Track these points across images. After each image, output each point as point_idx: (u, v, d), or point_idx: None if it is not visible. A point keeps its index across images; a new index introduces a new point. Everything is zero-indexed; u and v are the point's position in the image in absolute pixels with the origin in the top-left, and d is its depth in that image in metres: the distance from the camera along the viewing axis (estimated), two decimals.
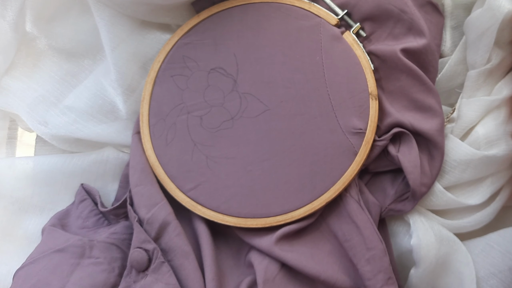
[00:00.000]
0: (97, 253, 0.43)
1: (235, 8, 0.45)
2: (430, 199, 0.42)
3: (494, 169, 0.41)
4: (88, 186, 0.47)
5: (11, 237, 0.47)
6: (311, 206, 0.41)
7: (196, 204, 0.43)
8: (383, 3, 0.42)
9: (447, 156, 0.42)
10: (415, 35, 0.42)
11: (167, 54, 0.45)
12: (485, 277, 0.40)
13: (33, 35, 0.48)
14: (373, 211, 0.42)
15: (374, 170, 0.44)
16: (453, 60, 0.44)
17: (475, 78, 0.42)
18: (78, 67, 0.49)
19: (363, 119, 0.41)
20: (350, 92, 0.42)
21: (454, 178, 0.42)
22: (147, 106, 0.45)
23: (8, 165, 0.47)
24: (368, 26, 0.44)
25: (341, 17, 0.44)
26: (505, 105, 0.42)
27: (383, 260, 0.39)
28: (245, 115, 0.43)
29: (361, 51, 0.43)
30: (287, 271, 0.41)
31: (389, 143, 0.42)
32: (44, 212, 0.47)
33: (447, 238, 0.41)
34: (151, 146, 0.44)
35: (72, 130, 0.46)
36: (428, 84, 0.42)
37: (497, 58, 0.42)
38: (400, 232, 0.43)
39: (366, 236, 0.40)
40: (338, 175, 0.41)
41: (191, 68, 0.45)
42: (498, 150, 0.40)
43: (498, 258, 0.40)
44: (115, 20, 0.46)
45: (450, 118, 0.43)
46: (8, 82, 0.47)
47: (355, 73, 0.42)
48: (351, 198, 0.41)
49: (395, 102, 0.43)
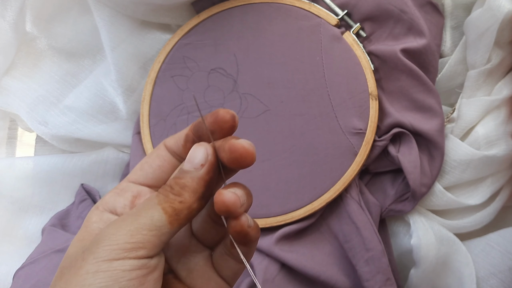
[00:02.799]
0: None
1: (235, 9, 0.45)
2: (430, 199, 0.42)
3: (494, 169, 0.41)
4: (88, 186, 0.47)
5: (11, 237, 0.47)
6: (311, 206, 0.41)
7: None
8: (383, 3, 0.42)
9: (447, 156, 0.42)
10: (415, 35, 0.42)
11: (167, 55, 0.45)
12: (485, 277, 0.40)
13: (33, 35, 0.48)
14: (374, 212, 0.42)
15: (374, 171, 0.44)
16: (453, 60, 0.44)
17: (475, 78, 0.42)
18: (78, 67, 0.49)
19: (363, 119, 0.41)
20: (350, 92, 0.42)
21: (454, 178, 0.42)
22: (147, 106, 0.45)
23: (8, 165, 0.47)
24: (368, 26, 0.44)
25: (341, 17, 0.44)
26: (505, 105, 0.42)
27: (382, 261, 0.39)
28: (245, 116, 0.43)
29: (361, 51, 0.43)
30: (287, 272, 0.41)
31: (389, 143, 0.42)
32: (44, 212, 0.47)
33: (447, 238, 0.41)
34: (152, 146, 0.44)
35: (72, 130, 0.46)
36: (428, 84, 0.42)
37: (497, 58, 0.42)
38: (400, 232, 0.43)
39: (365, 237, 0.40)
40: (338, 175, 0.41)
41: (191, 68, 0.45)
42: (498, 150, 0.40)
43: (498, 258, 0.40)
44: (115, 20, 0.45)
45: (450, 118, 0.43)
46: (8, 82, 0.47)
47: (355, 73, 0.42)
48: (351, 198, 0.41)
49: (395, 102, 0.43)
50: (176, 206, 0.21)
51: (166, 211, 0.21)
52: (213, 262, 0.25)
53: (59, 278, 0.21)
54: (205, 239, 0.25)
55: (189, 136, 0.24)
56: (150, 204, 0.21)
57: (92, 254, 0.20)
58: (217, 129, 0.22)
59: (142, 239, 0.20)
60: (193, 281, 0.24)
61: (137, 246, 0.20)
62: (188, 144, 0.24)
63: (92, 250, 0.20)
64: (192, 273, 0.24)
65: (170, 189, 0.22)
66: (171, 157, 0.25)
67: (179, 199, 0.21)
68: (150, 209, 0.21)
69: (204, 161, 0.22)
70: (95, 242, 0.20)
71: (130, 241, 0.20)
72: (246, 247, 0.24)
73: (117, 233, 0.20)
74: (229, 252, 0.24)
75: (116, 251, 0.20)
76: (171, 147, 0.24)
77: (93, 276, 0.19)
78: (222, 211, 0.21)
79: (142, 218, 0.21)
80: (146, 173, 0.24)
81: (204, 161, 0.22)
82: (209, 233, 0.25)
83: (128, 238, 0.20)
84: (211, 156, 0.22)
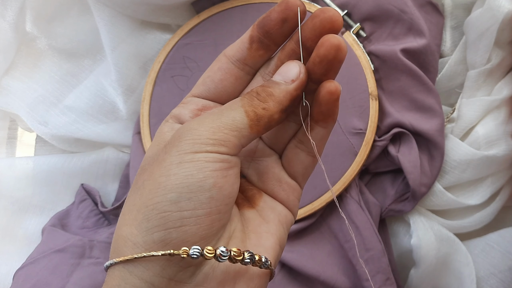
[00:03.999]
0: (97, 253, 0.43)
1: (235, 9, 0.45)
2: (430, 199, 0.42)
3: (494, 169, 0.41)
4: (88, 186, 0.47)
5: (11, 237, 0.47)
6: (312, 206, 0.41)
7: None
8: (383, 4, 0.42)
9: (447, 156, 0.42)
10: (415, 35, 0.42)
11: (167, 55, 0.45)
12: (485, 277, 0.40)
13: (33, 35, 0.48)
14: (374, 211, 0.42)
15: (374, 171, 0.44)
16: (453, 60, 0.44)
17: (475, 78, 0.42)
18: (78, 67, 0.49)
19: (363, 119, 0.41)
20: (350, 93, 0.42)
21: (454, 178, 0.42)
22: (147, 106, 0.45)
23: (8, 165, 0.47)
24: (368, 26, 0.44)
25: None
26: (505, 105, 0.42)
27: (382, 261, 0.39)
28: None
29: (361, 52, 0.43)
30: (287, 272, 0.41)
31: (389, 143, 0.42)
32: (44, 212, 0.47)
33: (447, 238, 0.41)
34: None
35: (72, 130, 0.46)
36: (428, 84, 0.42)
37: (497, 58, 0.42)
38: (400, 232, 0.43)
39: (365, 236, 0.40)
40: (339, 175, 0.41)
41: (191, 68, 0.45)
42: (498, 150, 0.40)
43: (498, 258, 0.40)
44: (115, 20, 0.45)
45: (450, 118, 0.43)
46: (8, 82, 0.47)
47: (355, 73, 0.42)
48: (351, 198, 0.41)
49: (395, 102, 0.43)
50: (259, 112, 0.21)
51: (248, 114, 0.21)
52: (282, 163, 0.25)
53: (140, 174, 0.22)
54: (273, 143, 0.25)
55: (253, 37, 0.23)
56: (233, 105, 0.22)
57: (175, 147, 0.21)
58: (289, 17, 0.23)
59: (224, 137, 0.21)
60: (264, 184, 0.25)
61: (218, 142, 0.21)
62: (254, 45, 0.24)
63: (174, 144, 0.21)
64: (263, 176, 0.25)
65: (256, 94, 0.22)
66: (233, 67, 0.24)
67: (263, 105, 0.22)
68: (233, 110, 0.21)
69: (296, 78, 0.22)
70: (177, 137, 0.21)
71: (212, 137, 0.21)
72: (325, 126, 0.24)
73: (199, 128, 0.21)
74: (302, 142, 0.25)
75: (198, 145, 0.20)
76: (233, 55, 0.24)
77: (177, 166, 0.20)
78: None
79: (225, 117, 0.21)
80: (208, 88, 0.24)
81: (295, 77, 0.22)
82: (278, 136, 0.25)
83: (210, 134, 0.21)
84: (303, 74, 0.22)
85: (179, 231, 0.20)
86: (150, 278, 0.20)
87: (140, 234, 0.20)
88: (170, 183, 0.20)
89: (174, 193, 0.20)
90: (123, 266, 0.20)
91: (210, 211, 0.20)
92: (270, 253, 0.22)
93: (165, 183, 0.20)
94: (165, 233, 0.20)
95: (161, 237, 0.20)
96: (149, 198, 0.20)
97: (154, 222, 0.20)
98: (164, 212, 0.20)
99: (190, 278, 0.20)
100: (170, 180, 0.20)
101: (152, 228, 0.20)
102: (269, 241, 0.23)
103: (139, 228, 0.20)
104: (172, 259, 0.20)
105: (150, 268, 0.20)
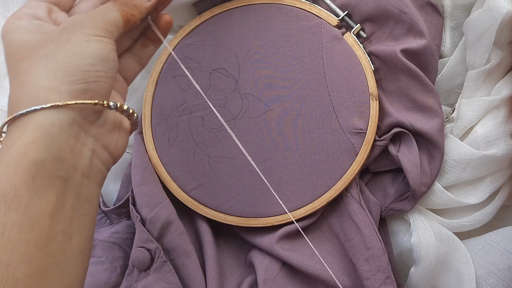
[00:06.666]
0: (99, 252, 0.43)
1: (237, 9, 0.45)
2: (430, 199, 0.42)
3: (493, 168, 0.42)
4: None
5: None
6: (312, 205, 0.41)
7: (198, 204, 0.43)
8: (383, 4, 0.43)
9: (447, 155, 0.42)
10: (415, 36, 0.42)
11: (169, 55, 0.45)
12: (484, 276, 0.40)
13: None
14: (374, 211, 0.42)
15: (375, 170, 0.44)
16: (452, 61, 0.44)
17: (474, 78, 0.42)
18: None
19: (363, 119, 0.42)
20: (351, 93, 0.42)
21: (453, 178, 0.42)
22: (149, 106, 0.45)
23: None
24: (368, 27, 0.44)
25: (341, 18, 0.44)
26: (504, 105, 0.42)
27: (382, 260, 0.39)
28: (247, 116, 0.43)
29: (362, 52, 0.43)
30: (288, 271, 0.42)
31: (389, 143, 0.42)
32: None
33: (447, 237, 0.41)
34: (154, 146, 0.44)
35: None
36: (428, 84, 0.42)
37: (497, 58, 0.42)
38: (400, 231, 0.44)
39: (365, 235, 0.40)
40: (339, 174, 0.41)
41: (193, 68, 0.45)
42: (497, 149, 0.41)
43: (497, 257, 0.40)
44: None
45: (450, 118, 0.44)
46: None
47: (355, 73, 0.42)
48: (352, 198, 0.42)
49: (395, 102, 0.43)
50: (129, 16, 0.31)
51: (123, 16, 0.30)
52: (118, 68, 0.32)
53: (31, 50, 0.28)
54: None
55: None
56: (112, 8, 0.30)
57: (78, 31, 0.28)
58: None
59: (112, 29, 0.29)
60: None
61: (110, 32, 0.29)
62: None
63: (76, 28, 0.28)
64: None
65: (125, 4, 0.31)
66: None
67: (131, 12, 0.31)
68: (113, 11, 0.30)
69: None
70: (77, 24, 0.28)
71: (105, 28, 0.29)
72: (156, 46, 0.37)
73: (94, 20, 0.29)
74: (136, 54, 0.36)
75: (99, 31, 0.28)
76: None
77: (87, 43, 0.28)
78: None
79: (109, 16, 0.30)
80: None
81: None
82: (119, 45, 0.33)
83: (104, 25, 0.29)
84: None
85: (96, 84, 0.28)
86: (74, 115, 0.27)
87: (64, 85, 0.27)
88: (86, 52, 0.27)
89: (92, 59, 0.27)
90: (50, 110, 0.26)
91: (112, 75, 0.29)
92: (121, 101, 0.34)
93: (81, 53, 0.27)
94: (87, 85, 0.27)
95: (83, 88, 0.27)
96: (67, 62, 0.27)
97: (77, 76, 0.27)
98: (85, 71, 0.27)
99: (97, 121, 0.29)
100: (85, 51, 0.27)
101: (76, 81, 0.27)
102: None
103: (62, 81, 0.27)
104: (87, 106, 0.28)
105: (72, 109, 0.27)
